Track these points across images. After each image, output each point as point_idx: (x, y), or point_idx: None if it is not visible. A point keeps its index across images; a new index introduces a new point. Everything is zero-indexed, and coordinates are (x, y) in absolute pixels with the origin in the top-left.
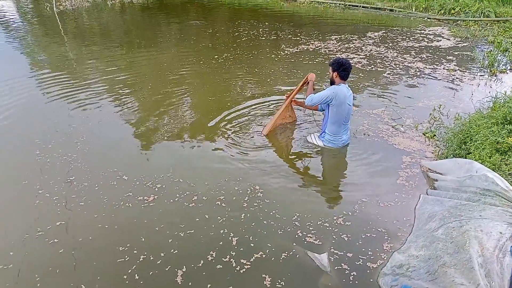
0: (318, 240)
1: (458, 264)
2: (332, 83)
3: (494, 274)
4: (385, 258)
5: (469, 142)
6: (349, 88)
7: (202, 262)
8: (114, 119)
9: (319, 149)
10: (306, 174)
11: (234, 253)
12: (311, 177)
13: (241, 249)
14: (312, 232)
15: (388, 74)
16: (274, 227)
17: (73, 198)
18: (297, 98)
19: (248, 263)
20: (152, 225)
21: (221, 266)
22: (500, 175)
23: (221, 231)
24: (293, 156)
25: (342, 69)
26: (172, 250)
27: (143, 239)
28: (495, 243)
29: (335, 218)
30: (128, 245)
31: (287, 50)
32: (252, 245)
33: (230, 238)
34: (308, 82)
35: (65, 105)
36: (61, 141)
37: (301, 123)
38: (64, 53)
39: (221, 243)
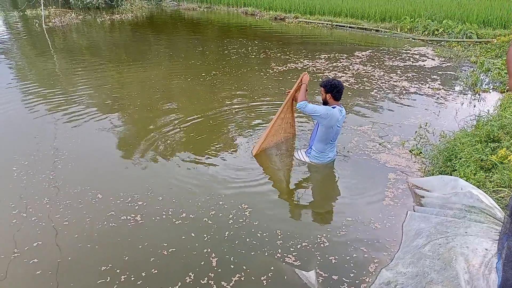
0: (301, 261)
1: (445, 281)
2: (325, 103)
3: None
4: (372, 276)
5: (454, 160)
6: (343, 108)
7: (179, 284)
8: (98, 136)
9: (306, 165)
10: (293, 192)
11: (213, 275)
12: (298, 196)
13: (220, 270)
14: (296, 252)
15: (375, 92)
16: (257, 246)
17: (51, 218)
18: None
19: (228, 286)
20: (136, 243)
21: None
22: (484, 192)
23: (204, 250)
24: (281, 174)
25: (336, 91)
26: (152, 270)
27: (126, 258)
28: (481, 259)
29: (320, 237)
30: (110, 265)
31: (276, 68)
32: (232, 266)
33: (211, 259)
34: (301, 84)
35: (49, 121)
36: (41, 158)
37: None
38: (52, 68)
39: (202, 263)
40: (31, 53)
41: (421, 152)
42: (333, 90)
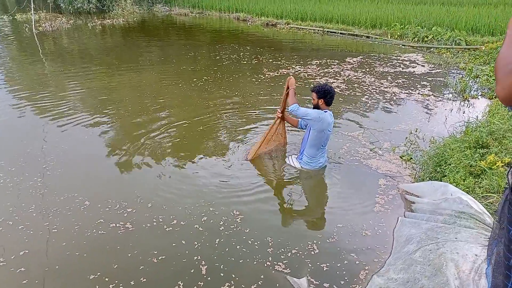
0: (292, 268)
1: (435, 287)
2: (317, 108)
3: None
4: (364, 283)
5: (444, 165)
6: (332, 114)
7: None
8: (88, 142)
9: (297, 172)
10: (284, 199)
11: (202, 283)
12: (289, 203)
13: (209, 278)
14: (286, 260)
15: (366, 98)
16: (247, 254)
17: (38, 226)
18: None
19: None
20: (126, 251)
21: None
22: (474, 197)
23: (194, 258)
24: (272, 180)
25: (329, 97)
26: (142, 278)
27: (115, 266)
28: (471, 265)
29: (311, 244)
30: (98, 273)
31: (267, 74)
32: (222, 274)
33: (200, 266)
34: (289, 89)
35: (38, 126)
36: (29, 164)
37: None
38: (41, 73)
39: (192, 270)
40: (21, 58)
41: (411, 158)
42: (326, 96)
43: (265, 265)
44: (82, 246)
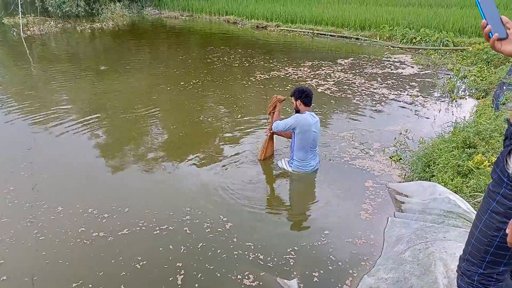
0: (279, 275)
1: (425, 286)
2: (298, 111)
3: None
4: (354, 285)
5: (432, 165)
6: (315, 115)
7: None
8: (74, 146)
9: (288, 175)
10: (273, 201)
11: None
12: (280, 207)
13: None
14: (273, 266)
15: (357, 100)
16: (227, 262)
17: (16, 236)
18: None
19: None
20: (110, 257)
21: None
22: (461, 197)
23: (176, 264)
24: (264, 183)
25: (304, 96)
26: (121, 286)
27: (101, 274)
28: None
29: (299, 248)
30: (81, 281)
31: (259, 77)
32: (197, 285)
33: (177, 276)
34: (274, 110)
35: (24, 130)
36: (8, 168)
37: (278, 149)
38: (29, 77)
39: (171, 278)
40: (8, 62)
41: (401, 159)
42: (301, 95)
43: (245, 274)
44: (64, 254)
